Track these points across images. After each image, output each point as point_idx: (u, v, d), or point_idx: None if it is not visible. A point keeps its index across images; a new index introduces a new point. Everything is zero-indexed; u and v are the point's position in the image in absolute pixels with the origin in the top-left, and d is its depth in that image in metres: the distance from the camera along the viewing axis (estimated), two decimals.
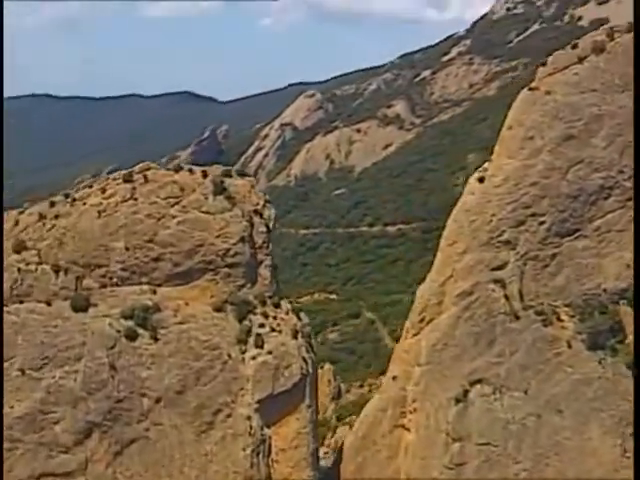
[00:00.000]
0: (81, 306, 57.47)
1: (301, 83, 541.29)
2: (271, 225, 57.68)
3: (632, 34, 54.50)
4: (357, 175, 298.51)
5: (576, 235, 54.66)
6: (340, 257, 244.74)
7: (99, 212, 58.64)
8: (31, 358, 57.30)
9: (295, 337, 56.47)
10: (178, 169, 58.62)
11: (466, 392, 54.96)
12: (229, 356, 56.21)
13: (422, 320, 56.66)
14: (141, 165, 59.28)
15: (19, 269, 58.78)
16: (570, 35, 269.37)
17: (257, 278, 57.66)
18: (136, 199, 58.45)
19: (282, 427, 56.94)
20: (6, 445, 56.00)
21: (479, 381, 55.01)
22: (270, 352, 56.02)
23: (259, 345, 56.14)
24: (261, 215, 57.67)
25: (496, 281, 55.24)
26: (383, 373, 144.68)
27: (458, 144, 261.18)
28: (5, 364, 57.65)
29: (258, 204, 57.90)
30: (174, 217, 57.72)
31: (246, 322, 56.81)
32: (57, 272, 58.51)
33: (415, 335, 57.00)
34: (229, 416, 56.11)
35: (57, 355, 57.26)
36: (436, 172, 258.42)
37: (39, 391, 56.50)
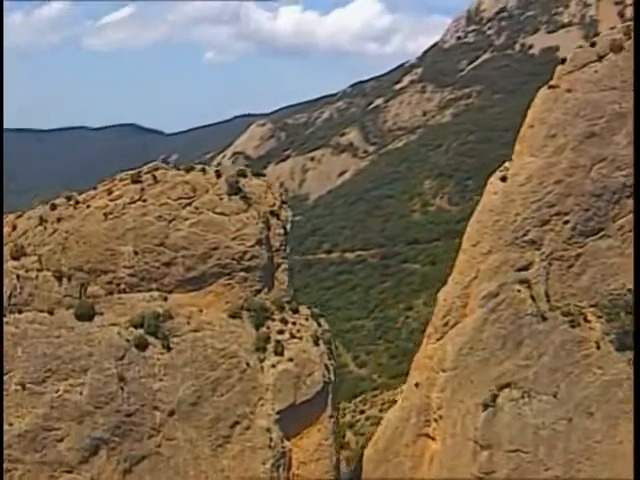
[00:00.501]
0: (86, 315, 52.59)
1: (248, 115, 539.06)
2: (288, 227, 54.65)
3: None
4: (312, 202, 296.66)
5: (600, 235, 52.34)
6: (299, 284, 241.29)
7: (105, 214, 54.26)
8: (32, 371, 52.12)
9: (316, 343, 52.60)
10: (189, 169, 55.36)
11: (494, 397, 51.75)
12: (247, 364, 52.09)
13: (446, 324, 53.73)
14: (149, 165, 55.74)
15: (18, 276, 53.68)
16: (521, 63, 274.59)
17: (274, 283, 54.43)
18: (145, 200, 54.27)
19: (303, 439, 52.94)
20: (5, 466, 51.24)
21: (507, 385, 52.05)
22: (291, 359, 52.10)
23: (279, 352, 52.17)
24: (278, 216, 54.10)
25: (522, 282, 52.80)
26: (351, 398, 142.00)
27: (414, 170, 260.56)
28: (4, 378, 53.08)
29: (274, 205, 54.36)
30: (186, 219, 53.67)
31: (264, 329, 52.47)
32: (60, 279, 53.68)
33: (439, 340, 54.02)
34: (247, 428, 51.92)
35: (61, 367, 52.24)
36: (393, 198, 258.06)
37: (41, 406, 51.20)
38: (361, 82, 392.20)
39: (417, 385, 51.99)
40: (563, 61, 52.94)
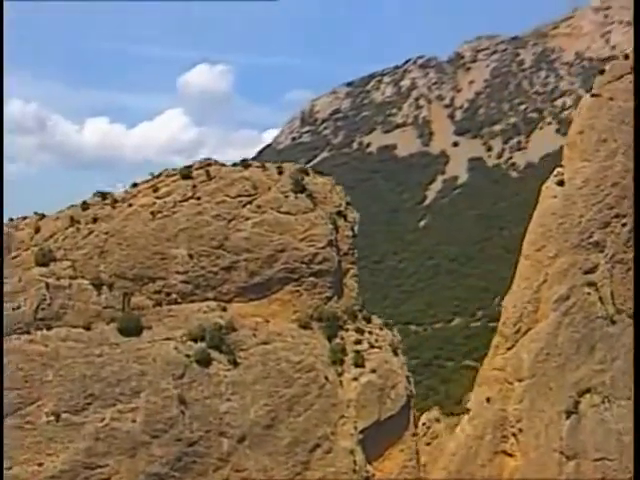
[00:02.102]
0: (132, 329, 40.70)
1: None
2: (356, 229, 45.96)
3: None
4: None
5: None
6: None
7: (152, 213, 43.07)
8: (68, 398, 39.18)
9: (395, 353, 44.11)
10: (246, 165, 45.45)
11: (576, 404, 45.47)
12: (326, 379, 42.30)
13: (518, 331, 46.70)
14: (201, 161, 45.43)
15: (47, 285, 41.26)
16: (360, 160, 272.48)
17: (343, 290, 45.20)
18: (199, 198, 43.75)
19: (385, 461, 43.09)
20: None
21: (587, 391, 45.50)
22: (374, 371, 42.94)
23: (359, 364, 43.00)
24: (345, 217, 45.77)
25: (590, 284, 47.11)
26: None
27: None
28: (29, 408, 39.33)
29: (340, 205, 45.90)
30: (248, 218, 43.68)
31: (337, 340, 43.64)
32: (99, 288, 41.82)
33: (509, 349, 47.00)
34: (329, 452, 41.54)
35: (105, 391, 39.67)
36: None
37: (82, 440, 38.59)
38: None
39: (488, 400, 44.18)
40: (602, 72, 49.06)
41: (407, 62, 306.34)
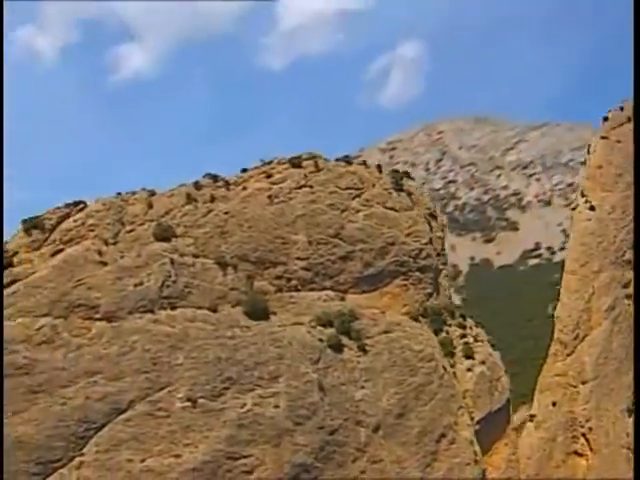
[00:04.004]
0: (260, 313, 37.97)
1: None
2: (446, 231, 47.00)
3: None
4: None
5: None
6: None
7: (269, 197, 41.10)
8: (204, 382, 35.20)
9: (494, 348, 44.96)
10: (349, 161, 45.24)
11: (633, 402, 49.00)
12: (444, 369, 41.97)
13: (576, 337, 49.73)
14: (307, 153, 44.49)
15: (172, 261, 37.60)
16: None
17: (439, 288, 45.57)
18: (312, 187, 42.61)
19: (493, 455, 42.93)
20: None
21: None
22: (483, 362, 43.31)
23: (469, 356, 43.26)
24: (436, 219, 46.70)
25: (628, 296, 52.22)
26: None
27: None
28: (159, 394, 34.78)
29: (430, 207, 46.92)
30: (358, 210, 43.15)
31: (443, 334, 43.82)
32: (223, 268, 38.68)
33: (569, 355, 49.77)
34: (453, 442, 40.45)
35: (243, 375, 36.17)
36: None
37: (222, 427, 34.74)
38: None
39: (554, 404, 46.71)
40: (605, 119, 56.82)
41: None
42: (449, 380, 39.55)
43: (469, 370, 40.08)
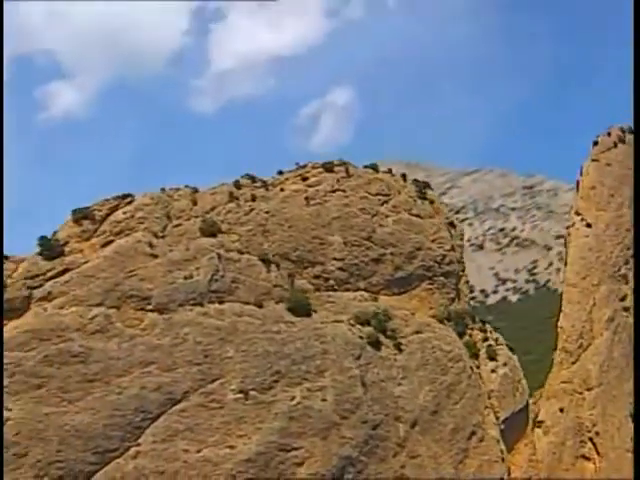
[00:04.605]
0: (302, 310, 38.44)
1: None
2: (464, 241, 48.72)
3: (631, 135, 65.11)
4: None
5: None
6: None
7: (307, 199, 42.09)
8: (254, 375, 35.45)
9: (512, 352, 46.56)
10: (376, 169, 46.58)
11: (635, 409, 51.22)
12: (471, 369, 43.24)
13: (580, 346, 51.86)
14: (338, 159, 45.59)
15: (219, 256, 37.93)
16: None
17: (459, 294, 47.04)
18: (344, 191, 43.77)
19: (515, 455, 44.24)
20: None
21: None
22: (505, 364, 44.79)
23: (492, 358, 44.65)
24: (455, 227, 48.37)
25: (625, 309, 54.99)
26: None
27: None
28: (212, 385, 34.90)
29: (449, 217, 48.63)
30: (387, 215, 44.45)
31: (466, 337, 45.21)
32: (267, 265, 39.27)
33: (574, 363, 51.81)
34: (482, 440, 41.47)
35: (291, 369, 36.67)
36: None
37: (274, 419, 35.10)
38: None
39: (562, 410, 48.92)
40: (596, 143, 60.49)
41: None
42: (476, 380, 40.92)
43: (493, 371, 41.56)
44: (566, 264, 54.08)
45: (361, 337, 37.52)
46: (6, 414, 29.96)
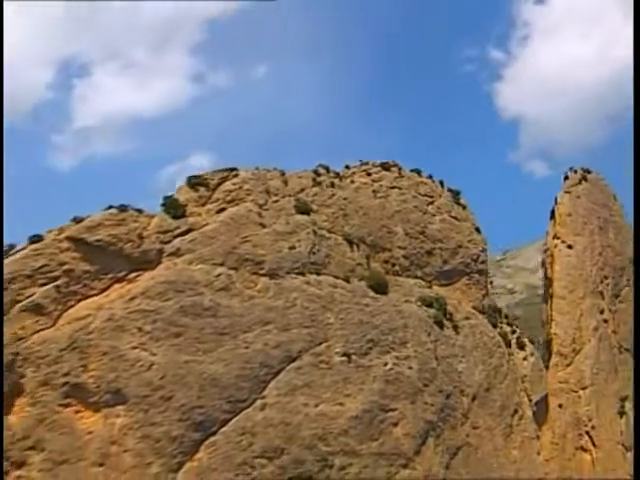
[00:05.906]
0: (381, 289, 42.22)
1: None
2: (486, 246, 53.87)
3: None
4: None
5: (619, 298, 67.05)
6: None
7: (374, 192, 46.07)
8: (353, 341, 38.49)
9: (534, 345, 51.79)
10: (420, 173, 51.14)
11: (622, 407, 57.89)
12: (510, 355, 48.02)
13: (573, 350, 58.29)
14: (391, 161, 49.74)
15: (314, 232, 40.90)
16: None
17: (488, 291, 52.00)
18: (400, 188, 48.21)
19: (541, 438, 49.22)
20: (339, 460, 35.51)
21: (625, 398, 58.72)
22: (532, 354, 50.04)
23: (522, 347, 49.73)
24: (479, 232, 53.54)
25: (605, 321, 62.22)
26: None
27: None
28: (320, 347, 37.57)
29: (475, 223, 53.80)
30: (433, 215, 49.26)
31: (497, 329, 50.08)
32: (351, 245, 42.59)
33: (569, 365, 57.98)
34: (522, 418, 46.10)
35: (381, 338, 39.97)
36: None
37: (373, 382, 38.11)
38: None
39: (561, 406, 55.44)
40: (566, 177, 69.42)
41: None
42: (513, 365, 46.08)
43: (524, 359, 46.76)
44: (550, 281, 60.87)
45: (429, 316, 41.56)
46: (151, 358, 31.53)
